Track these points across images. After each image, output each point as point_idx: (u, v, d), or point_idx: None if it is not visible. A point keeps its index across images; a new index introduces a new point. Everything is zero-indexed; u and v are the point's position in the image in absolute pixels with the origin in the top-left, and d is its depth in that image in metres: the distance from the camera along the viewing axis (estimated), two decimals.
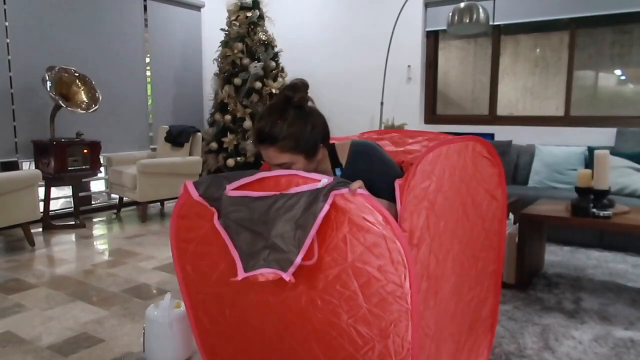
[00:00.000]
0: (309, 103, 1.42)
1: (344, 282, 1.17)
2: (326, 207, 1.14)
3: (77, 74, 4.13)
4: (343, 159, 1.49)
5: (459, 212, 1.42)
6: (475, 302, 1.62)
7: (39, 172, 3.50)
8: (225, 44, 5.04)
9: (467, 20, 3.86)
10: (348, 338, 1.19)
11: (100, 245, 3.70)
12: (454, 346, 1.47)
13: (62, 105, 3.85)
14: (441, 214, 1.31)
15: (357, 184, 1.15)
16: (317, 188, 1.16)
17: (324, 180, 1.16)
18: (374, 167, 1.44)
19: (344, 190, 1.14)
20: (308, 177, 1.20)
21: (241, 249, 1.22)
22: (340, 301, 1.18)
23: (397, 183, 1.20)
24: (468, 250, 1.50)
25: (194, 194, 1.31)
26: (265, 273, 1.17)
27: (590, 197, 2.63)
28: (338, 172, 1.49)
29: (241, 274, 1.19)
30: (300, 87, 1.40)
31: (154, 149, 5.17)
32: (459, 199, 1.42)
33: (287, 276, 1.15)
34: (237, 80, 4.89)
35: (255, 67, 4.83)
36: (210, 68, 5.50)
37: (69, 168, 3.96)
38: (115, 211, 4.88)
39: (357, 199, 1.13)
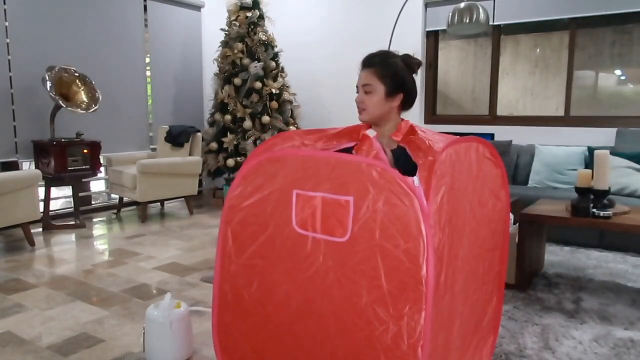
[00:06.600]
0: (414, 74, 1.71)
1: (370, 261, 1.22)
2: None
3: (77, 74, 4.12)
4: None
5: (467, 212, 1.43)
6: (481, 303, 1.62)
7: (39, 172, 3.49)
8: (225, 44, 5.03)
9: (467, 20, 3.86)
10: (365, 319, 1.23)
11: (100, 245, 3.70)
12: (460, 345, 1.47)
13: (62, 105, 3.85)
14: (452, 212, 1.33)
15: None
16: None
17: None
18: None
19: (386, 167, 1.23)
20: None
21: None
22: (363, 281, 1.23)
23: (422, 180, 1.23)
24: (475, 250, 1.51)
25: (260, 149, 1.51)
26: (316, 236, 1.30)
27: (590, 197, 2.63)
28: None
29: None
30: (418, 61, 1.72)
31: (154, 149, 5.16)
32: (466, 198, 1.43)
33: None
34: (237, 80, 4.88)
35: (255, 67, 4.83)
36: (210, 68, 5.49)
37: (69, 168, 3.96)
38: (115, 211, 4.88)
39: (393, 179, 1.21)
